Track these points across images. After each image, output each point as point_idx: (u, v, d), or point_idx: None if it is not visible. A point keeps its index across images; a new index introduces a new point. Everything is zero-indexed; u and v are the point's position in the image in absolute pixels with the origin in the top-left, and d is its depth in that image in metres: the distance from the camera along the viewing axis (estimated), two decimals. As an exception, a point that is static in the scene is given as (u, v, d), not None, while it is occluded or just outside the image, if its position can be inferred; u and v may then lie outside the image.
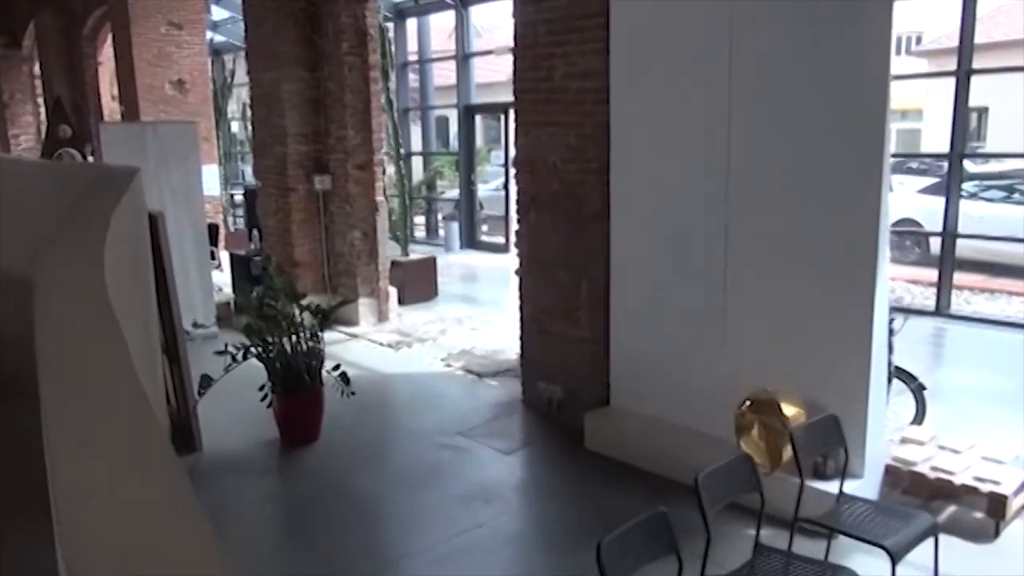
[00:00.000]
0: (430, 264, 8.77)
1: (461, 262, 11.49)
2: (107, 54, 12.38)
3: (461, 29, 12.08)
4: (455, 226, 12.63)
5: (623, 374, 4.64)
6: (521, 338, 5.40)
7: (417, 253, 9.34)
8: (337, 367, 4.59)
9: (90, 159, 10.92)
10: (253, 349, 4.51)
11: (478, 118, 13.05)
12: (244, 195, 9.26)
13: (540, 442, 4.79)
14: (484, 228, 13.07)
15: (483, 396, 5.61)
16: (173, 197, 6.86)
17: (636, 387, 4.56)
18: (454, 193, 13.58)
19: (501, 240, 12.45)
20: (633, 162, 4.40)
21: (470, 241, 12.64)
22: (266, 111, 7.43)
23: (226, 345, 4.46)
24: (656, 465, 4.23)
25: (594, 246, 4.73)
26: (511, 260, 11.94)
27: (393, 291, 7.79)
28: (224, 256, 9.66)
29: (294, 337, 4.64)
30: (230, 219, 12.05)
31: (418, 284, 8.52)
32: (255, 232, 8.46)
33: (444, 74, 14.14)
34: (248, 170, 15.62)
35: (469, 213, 12.58)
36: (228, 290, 8.32)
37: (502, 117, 12.06)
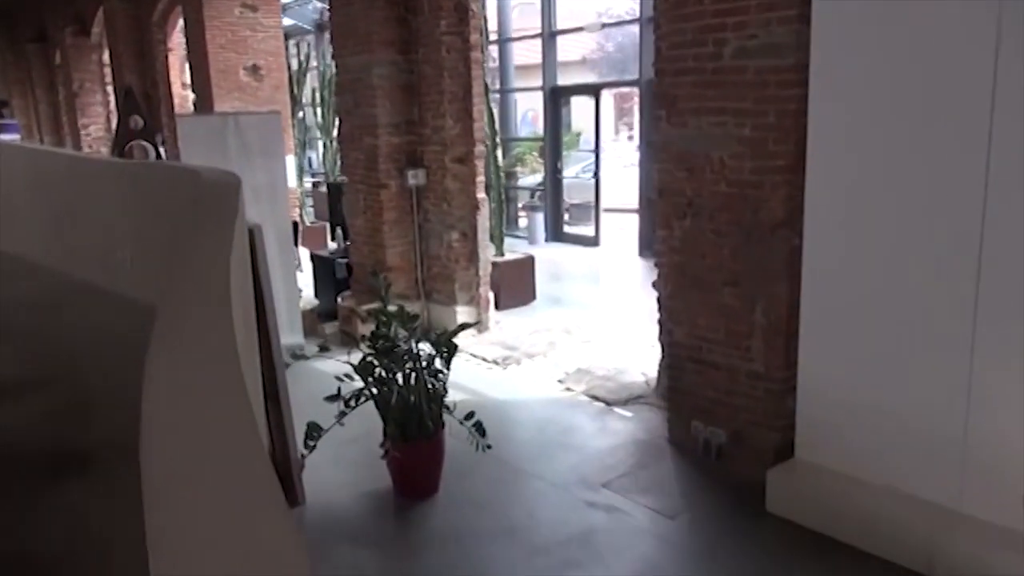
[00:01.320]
0: (528, 264, 7.97)
1: (548, 257, 10.65)
2: (177, 40, 11.88)
3: (548, 4, 11.18)
4: (539, 217, 11.81)
5: (816, 420, 3.76)
6: (668, 366, 4.55)
7: (509, 250, 8.55)
8: (471, 415, 3.81)
9: (161, 150, 10.42)
10: (368, 391, 3.76)
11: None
12: (328, 189, 8.57)
13: (706, 501, 3.95)
14: (566, 218, 12.22)
15: (617, 431, 4.79)
16: (256, 196, 6.17)
17: (834, 438, 3.68)
18: (532, 180, 12.75)
19: (589, 232, 11.58)
20: (841, 159, 3.49)
21: (555, 233, 11.80)
22: (354, 99, 6.69)
23: (339, 391, 3.73)
24: (867, 540, 3.37)
25: (774, 261, 3.85)
26: (603, 255, 11.15)
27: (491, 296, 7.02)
28: (303, 254, 9.03)
29: (413, 373, 3.88)
30: (305, 212, 11.44)
31: (515, 287, 7.74)
32: (338, 231, 7.78)
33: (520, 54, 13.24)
34: (314, 158, 15.07)
35: (555, 203, 11.74)
36: (308, 292, 7.68)
37: (593, 99, 11.14)
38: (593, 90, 11.10)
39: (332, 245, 8.23)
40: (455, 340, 4.10)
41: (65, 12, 14.70)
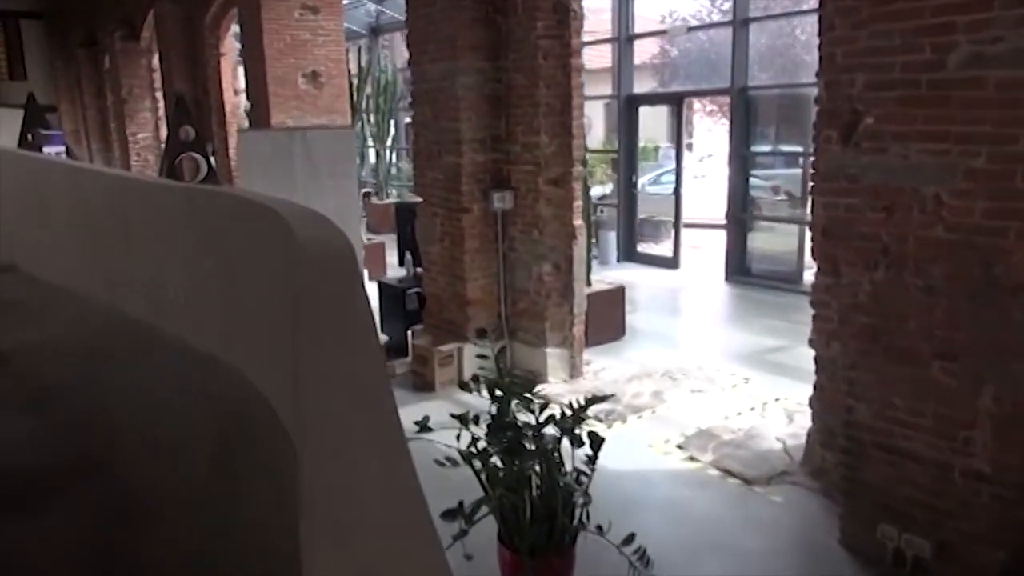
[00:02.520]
0: (618, 296, 7.11)
1: (622, 279, 9.77)
2: (230, 45, 11.26)
3: (623, 6, 10.33)
4: (611, 236, 10.93)
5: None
6: (845, 451, 3.66)
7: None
8: (631, 539, 2.93)
9: (212, 161, 9.78)
10: (493, 502, 2.93)
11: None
12: (396, 210, 7.80)
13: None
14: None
15: (768, 524, 3.91)
16: (324, 222, 5.42)
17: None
18: (595, 193, 11.88)
19: (667, 252, 10.68)
20: None
21: (628, 253, 10.92)
22: (432, 111, 5.91)
23: (461, 505, 2.89)
24: None
25: (1014, 332, 2.95)
26: (683, 279, 10.20)
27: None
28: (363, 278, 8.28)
29: (540, 467, 3.05)
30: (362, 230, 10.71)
31: (603, 321, 6.88)
32: (408, 256, 7.00)
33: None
34: (365, 168, 14.41)
35: (629, 221, 10.85)
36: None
37: (675, 108, 10.25)
38: (675, 99, 10.20)
39: (399, 270, 7.46)
40: (541, 390, 3.25)
41: (115, 16, 14.24)
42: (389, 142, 14.11)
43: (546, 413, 3.25)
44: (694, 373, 6.07)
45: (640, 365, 6.27)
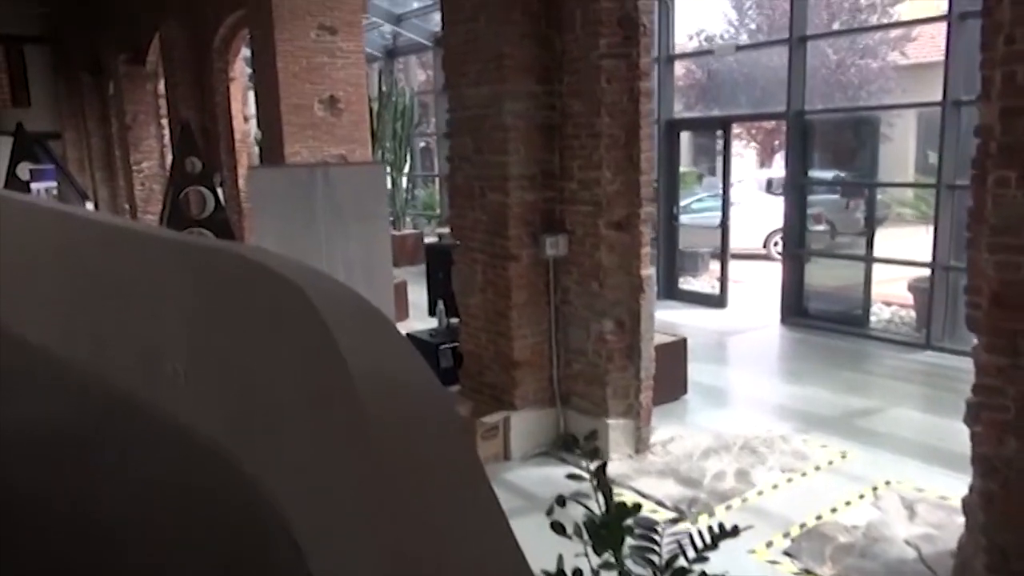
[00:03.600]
0: (679, 349, 6.25)
1: (664, 320, 8.93)
2: (240, 69, 10.55)
3: (664, 24, 9.56)
4: (651, 272, 10.06)
5: None
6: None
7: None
8: None
9: (219, 193, 9.01)
10: None
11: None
12: (426, 252, 6.97)
13: None
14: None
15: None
16: (348, 273, 4.62)
17: None
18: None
19: (712, 290, 9.83)
20: None
21: (669, 290, 10.06)
22: (473, 142, 5.11)
23: None
24: None
25: None
26: (733, 320, 9.31)
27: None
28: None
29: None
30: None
31: (663, 377, 5.98)
32: (440, 305, 6.18)
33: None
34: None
35: (670, 255, 10.01)
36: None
37: (719, 134, 9.46)
38: (719, 123, 9.40)
39: (427, 318, 6.62)
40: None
41: (120, 39, 13.60)
42: (406, 169, 13.38)
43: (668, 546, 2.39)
44: (779, 445, 5.20)
45: (712, 434, 5.40)
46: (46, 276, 4.09)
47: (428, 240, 10.42)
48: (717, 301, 9.51)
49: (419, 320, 7.25)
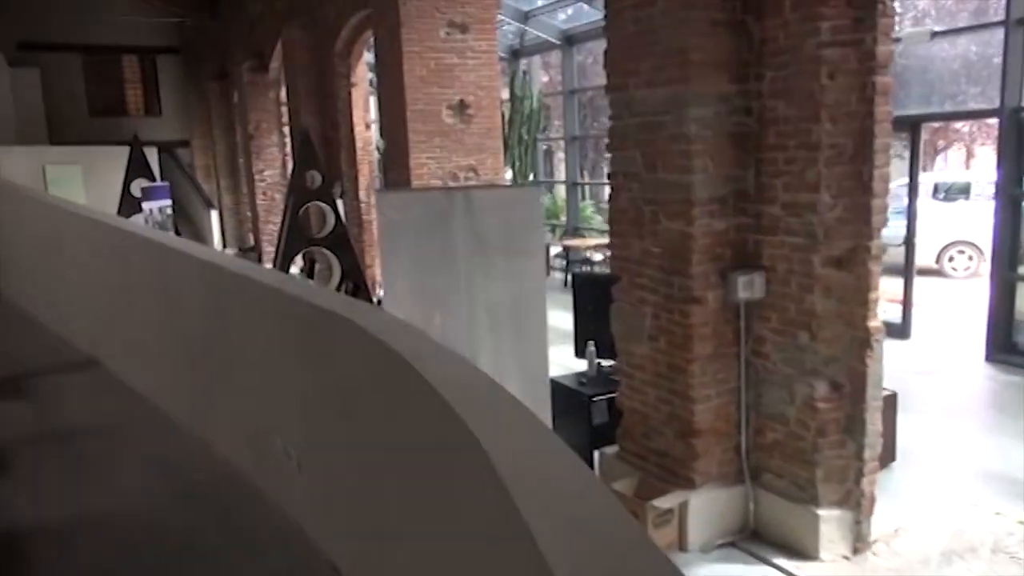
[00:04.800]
0: (887, 405, 5.03)
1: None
2: (362, 74, 9.97)
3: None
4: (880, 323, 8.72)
5: None
6: None
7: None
8: None
9: (339, 207, 8.40)
10: None
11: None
12: (573, 282, 6.01)
13: None
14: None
15: None
16: (493, 324, 3.74)
17: None
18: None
19: (892, 317, 8.42)
20: None
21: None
22: (644, 157, 4.13)
23: None
24: None
25: None
26: (920, 355, 7.86)
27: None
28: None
29: None
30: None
31: (867, 442, 4.82)
32: (590, 346, 5.22)
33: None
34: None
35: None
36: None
37: (904, 136, 8.06)
38: (908, 123, 8.00)
39: (571, 358, 5.67)
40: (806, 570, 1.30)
41: (245, 46, 13.41)
42: (531, 177, 12.53)
43: None
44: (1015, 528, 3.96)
45: (950, 528, 4.20)
46: (148, 317, 3.07)
47: (554, 247, 9.45)
48: (899, 330, 8.11)
49: (554, 345, 6.32)
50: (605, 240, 6.69)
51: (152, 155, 12.42)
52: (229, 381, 3.35)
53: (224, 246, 15.58)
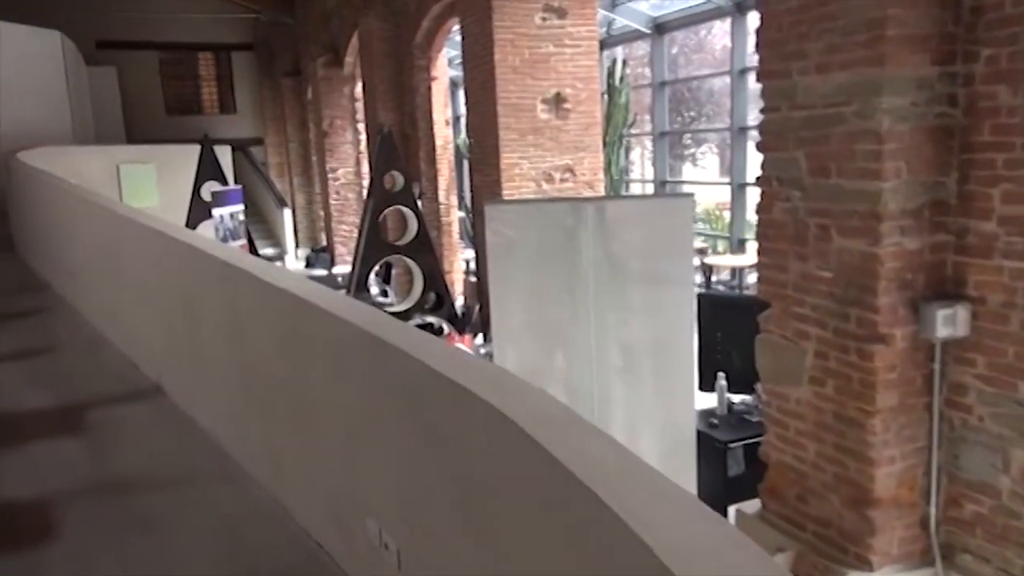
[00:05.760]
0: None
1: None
2: (442, 67, 9.36)
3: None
4: None
5: None
6: None
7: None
8: None
9: (419, 211, 7.81)
10: None
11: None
12: (699, 305, 5.24)
13: None
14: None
15: None
16: (628, 366, 3.01)
17: None
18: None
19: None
20: None
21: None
22: (812, 158, 3.35)
23: None
24: None
25: None
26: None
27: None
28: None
29: None
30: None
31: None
32: (721, 377, 4.45)
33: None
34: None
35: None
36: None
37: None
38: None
39: (701, 396, 4.89)
40: None
41: (319, 40, 13.00)
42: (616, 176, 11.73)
43: None
44: None
45: None
46: (216, 343, 3.28)
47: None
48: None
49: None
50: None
51: (226, 153, 12.11)
52: (309, 437, 2.73)
53: (297, 245, 15.28)
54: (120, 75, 16.02)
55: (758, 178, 3.72)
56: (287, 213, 15.06)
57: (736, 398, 4.50)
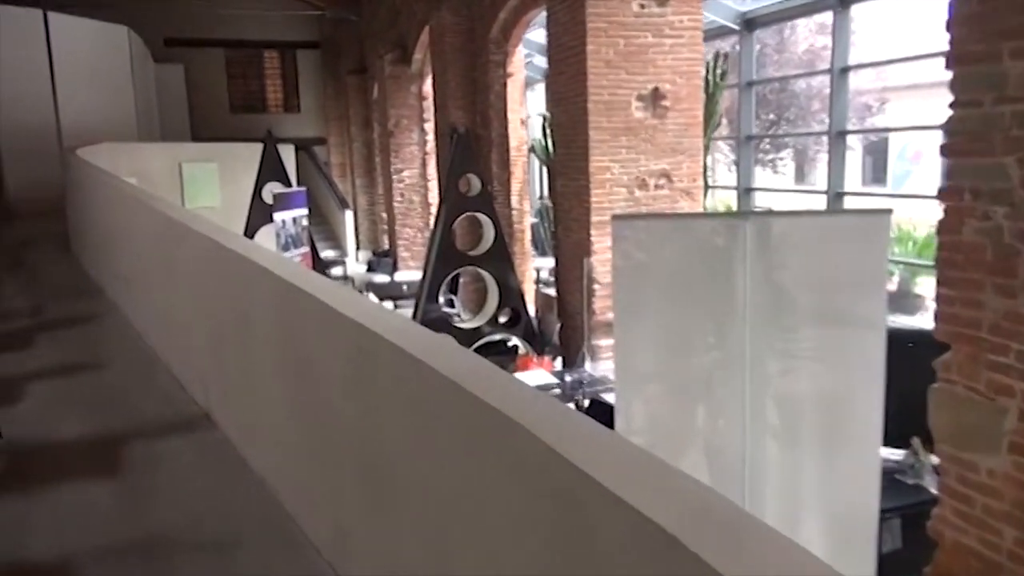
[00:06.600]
0: None
1: None
2: (518, 62, 8.75)
3: None
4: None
5: None
6: None
7: None
8: None
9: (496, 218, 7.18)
10: None
11: None
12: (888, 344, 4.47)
13: None
14: None
15: None
16: (789, 427, 2.32)
17: None
18: None
19: None
20: None
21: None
22: (1024, 165, 2.60)
23: None
24: None
25: None
26: None
27: None
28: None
29: None
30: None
31: None
32: (915, 443, 3.69)
33: None
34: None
35: None
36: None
37: None
38: None
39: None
40: None
41: (387, 37, 12.54)
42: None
43: None
44: None
45: None
46: (270, 380, 2.88)
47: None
48: None
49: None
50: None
51: (289, 153, 11.74)
52: (383, 503, 2.15)
53: (358, 248, 14.87)
54: (187, 72, 15.89)
55: (941, 190, 2.98)
56: (349, 215, 14.66)
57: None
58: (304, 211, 7.21)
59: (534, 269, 9.49)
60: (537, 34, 12.11)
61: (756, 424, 2.41)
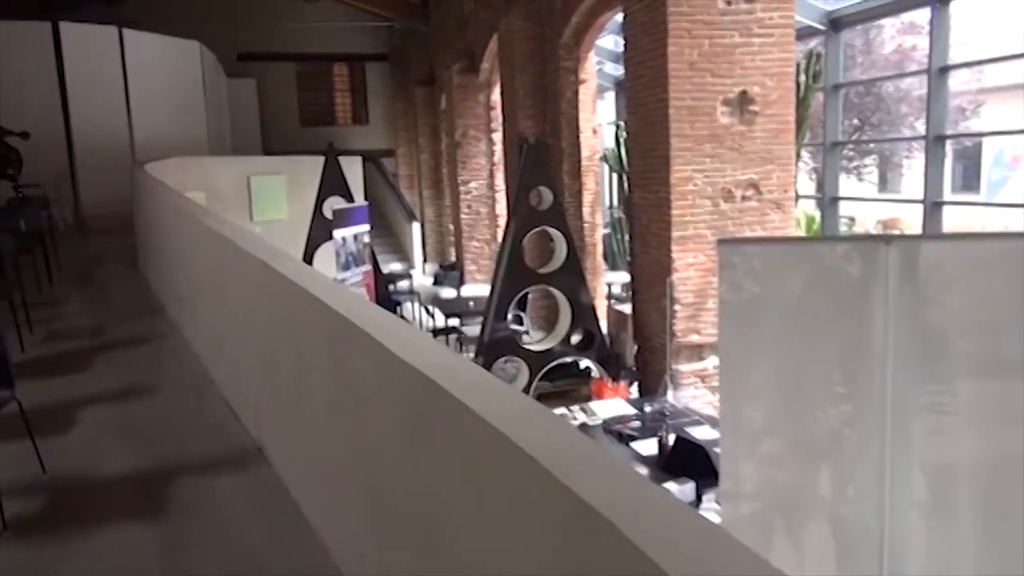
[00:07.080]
0: None
1: None
2: (590, 69, 8.37)
3: None
4: None
5: None
6: None
7: None
8: None
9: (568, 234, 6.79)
10: None
11: None
12: None
13: None
14: None
15: None
16: (942, 495, 1.88)
17: None
18: None
19: None
20: None
21: None
22: None
23: None
24: None
25: None
26: None
27: None
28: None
29: None
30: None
31: None
32: None
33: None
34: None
35: None
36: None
37: None
38: None
39: None
40: None
41: (455, 47, 12.34)
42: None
43: None
44: None
45: None
46: (322, 418, 2.59)
47: None
48: None
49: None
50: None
51: (356, 165, 11.61)
52: (439, 571, 1.79)
53: (424, 260, 14.70)
54: (259, 86, 16.05)
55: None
56: (416, 227, 14.51)
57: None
58: (366, 227, 6.96)
59: (605, 284, 9.06)
60: (606, 41, 11.71)
61: (897, 494, 1.97)
